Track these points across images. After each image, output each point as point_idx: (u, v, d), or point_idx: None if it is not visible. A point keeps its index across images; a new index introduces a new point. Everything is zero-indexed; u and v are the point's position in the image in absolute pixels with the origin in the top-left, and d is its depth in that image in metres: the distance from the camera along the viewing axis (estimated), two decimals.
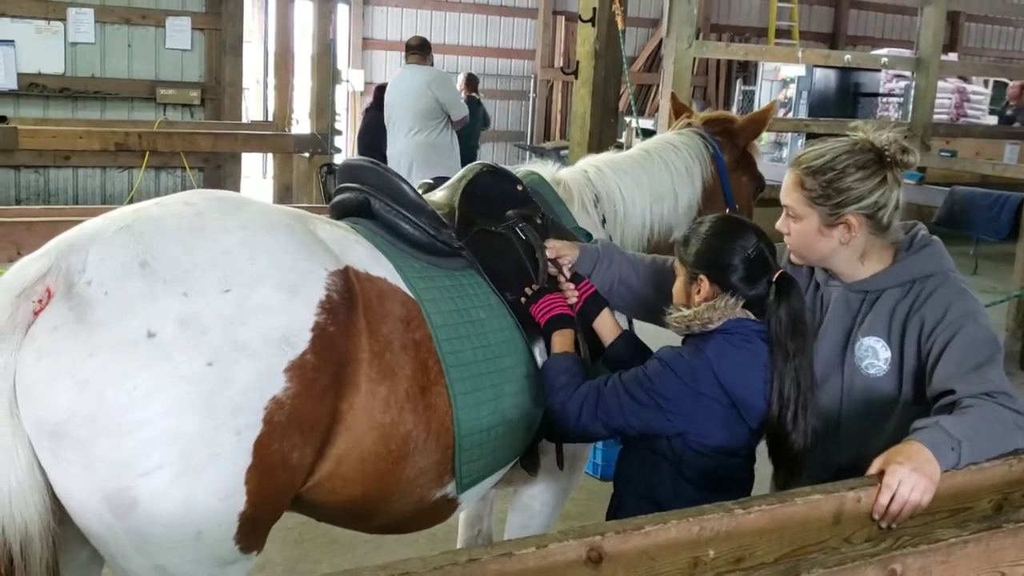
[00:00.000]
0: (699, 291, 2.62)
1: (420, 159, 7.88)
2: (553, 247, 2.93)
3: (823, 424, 2.67)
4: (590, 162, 3.43)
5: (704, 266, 2.62)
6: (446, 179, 3.14)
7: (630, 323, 3.19)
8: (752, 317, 2.58)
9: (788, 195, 2.69)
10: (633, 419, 2.55)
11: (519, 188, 3.02)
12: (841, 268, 2.72)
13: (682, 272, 2.70)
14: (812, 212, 2.63)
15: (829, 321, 2.74)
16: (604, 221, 3.25)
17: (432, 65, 8.57)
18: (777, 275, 2.59)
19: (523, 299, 2.80)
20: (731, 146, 3.64)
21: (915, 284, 2.63)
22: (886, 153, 2.59)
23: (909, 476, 2.23)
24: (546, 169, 3.29)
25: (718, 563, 2.07)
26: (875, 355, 2.65)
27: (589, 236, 3.12)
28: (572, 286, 2.86)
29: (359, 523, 2.70)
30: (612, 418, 2.57)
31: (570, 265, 2.92)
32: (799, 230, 2.68)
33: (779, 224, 2.74)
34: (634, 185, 3.34)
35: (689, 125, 3.67)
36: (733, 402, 2.53)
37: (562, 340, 2.75)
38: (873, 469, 2.30)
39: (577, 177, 3.31)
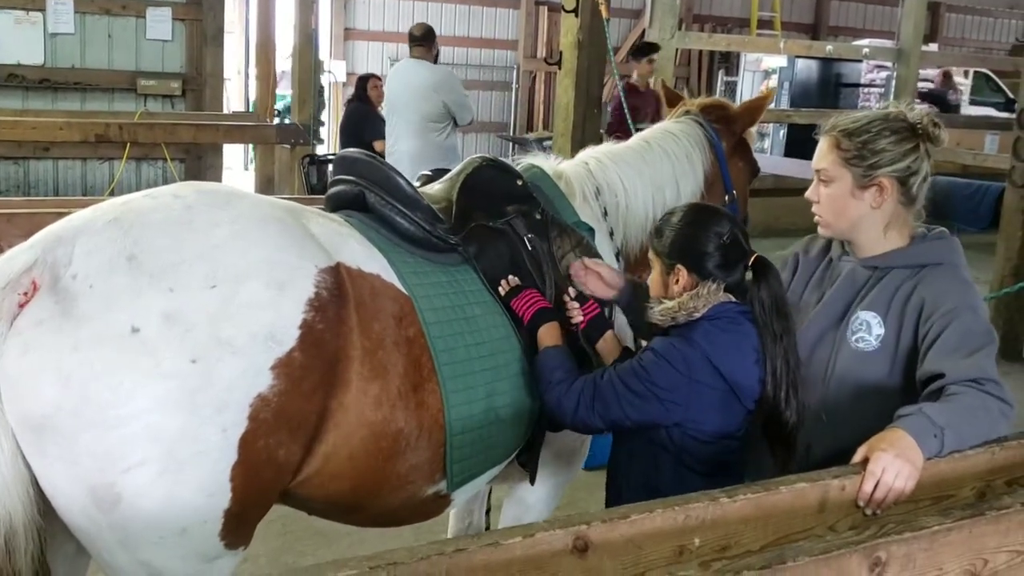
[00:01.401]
0: (677, 281, 2.63)
1: (427, 159, 7.78)
2: (591, 266, 2.93)
3: (807, 395, 2.68)
4: (590, 154, 3.41)
5: (680, 255, 2.63)
6: (445, 171, 3.12)
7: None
8: (734, 300, 2.60)
9: (823, 158, 2.71)
10: (631, 410, 2.55)
11: (519, 183, 2.99)
12: (865, 238, 2.73)
13: (657, 263, 2.70)
14: (846, 173, 2.66)
15: (832, 293, 2.75)
16: (606, 213, 3.24)
17: (437, 55, 8.39)
18: (753, 259, 2.61)
19: (501, 290, 2.79)
20: (728, 133, 3.62)
21: (923, 269, 2.66)
22: (918, 126, 2.64)
23: (893, 463, 2.24)
24: (547, 162, 3.26)
25: (703, 551, 2.07)
26: (868, 329, 2.67)
27: (591, 230, 3.10)
28: (577, 306, 2.85)
29: (348, 516, 2.69)
30: (610, 411, 2.57)
31: (611, 294, 2.93)
32: (830, 193, 2.70)
33: (809, 192, 2.77)
34: (635, 175, 3.32)
35: (687, 113, 3.65)
36: (730, 386, 2.54)
37: (551, 333, 2.73)
38: (857, 457, 2.31)
39: (578, 170, 3.28)
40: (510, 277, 2.82)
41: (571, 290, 2.88)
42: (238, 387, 2.12)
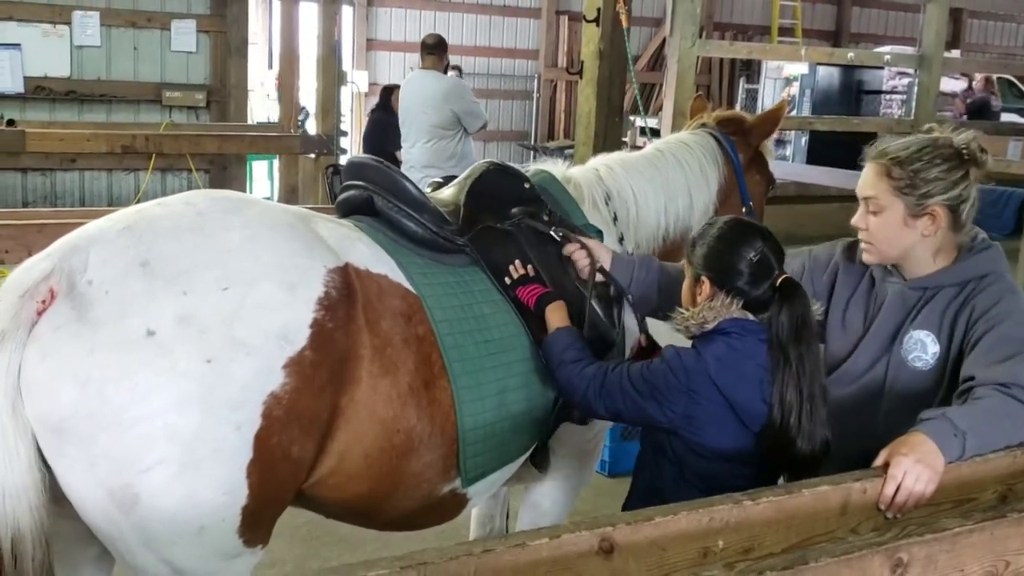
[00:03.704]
0: (701, 292, 2.64)
1: (439, 166, 7.90)
2: (586, 243, 2.97)
3: (862, 415, 2.69)
4: (601, 161, 3.44)
5: (707, 268, 2.63)
6: (455, 178, 3.16)
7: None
8: (751, 317, 2.58)
9: (872, 186, 2.67)
10: (632, 407, 2.59)
11: (526, 186, 3.03)
12: (915, 264, 2.71)
13: (689, 273, 2.71)
14: (898, 202, 2.63)
15: (883, 316, 2.74)
16: (615, 219, 3.27)
17: (448, 64, 8.54)
18: (781, 279, 2.58)
19: (507, 279, 2.83)
20: (745, 145, 3.64)
21: (970, 283, 2.66)
22: (964, 151, 2.63)
23: (914, 467, 2.26)
24: (556, 167, 3.30)
25: (727, 553, 2.09)
26: (923, 348, 2.67)
27: (600, 233, 3.14)
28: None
29: (368, 519, 2.72)
30: (614, 402, 2.61)
31: (599, 265, 2.96)
32: (881, 223, 2.67)
33: (856, 219, 2.73)
34: (646, 184, 3.34)
35: (703, 125, 3.67)
36: (730, 405, 2.53)
37: (559, 314, 2.78)
38: (878, 461, 2.33)
39: (588, 175, 3.31)
40: (517, 262, 2.86)
41: (642, 337, 2.91)
42: (252, 386, 2.16)
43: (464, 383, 2.58)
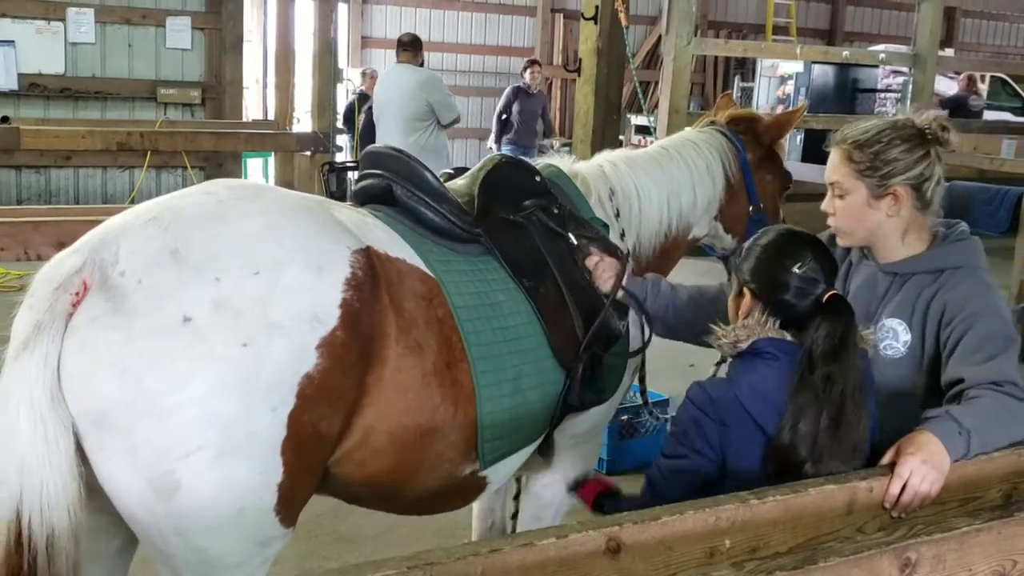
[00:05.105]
0: (742, 306, 2.59)
1: None
2: (606, 261, 2.98)
3: None
4: (606, 157, 3.44)
5: (752, 279, 2.57)
6: (466, 170, 3.19)
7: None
8: (788, 337, 2.50)
9: (835, 171, 2.73)
10: (683, 478, 2.49)
11: (537, 179, 3.06)
12: (883, 245, 2.75)
13: (734, 286, 2.65)
14: (860, 184, 2.68)
15: (852, 299, 2.72)
16: (618, 215, 3.27)
17: (423, 63, 8.57)
18: (828, 295, 2.49)
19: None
20: (755, 145, 3.62)
21: (944, 273, 2.68)
22: (927, 131, 2.67)
23: (920, 467, 2.26)
24: (563, 162, 3.31)
25: (734, 553, 2.09)
26: (895, 336, 2.69)
27: (606, 226, 3.16)
28: None
29: (390, 500, 2.73)
30: (673, 491, 2.43)
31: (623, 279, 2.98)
32: (846, 205, 2.72)
33: (824, 204, 2.78)
34: (650, 182, 3.35)
35: (712, 123, 3.67)
36: (762, 429, 2.43)
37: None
38: (885, 460, 2.33)
39: (593, 170, 3.33)
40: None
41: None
42: (287, 367, 2.18)
43: (483, 367, 2.61)
